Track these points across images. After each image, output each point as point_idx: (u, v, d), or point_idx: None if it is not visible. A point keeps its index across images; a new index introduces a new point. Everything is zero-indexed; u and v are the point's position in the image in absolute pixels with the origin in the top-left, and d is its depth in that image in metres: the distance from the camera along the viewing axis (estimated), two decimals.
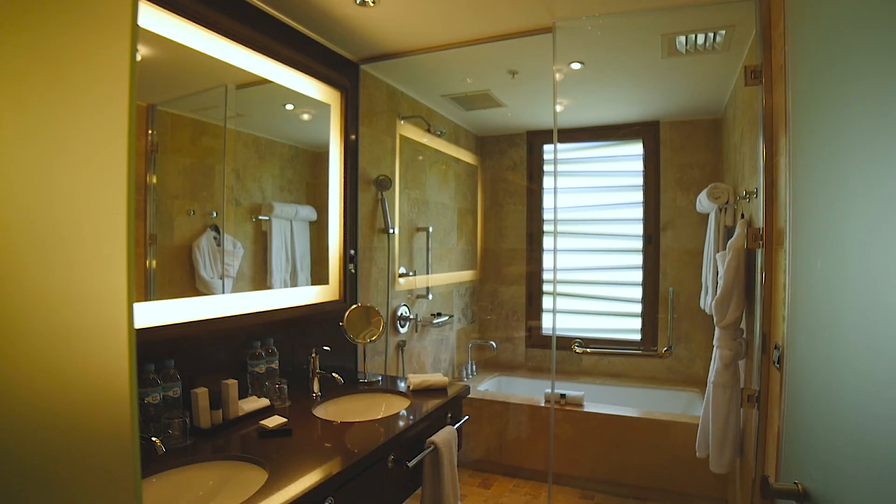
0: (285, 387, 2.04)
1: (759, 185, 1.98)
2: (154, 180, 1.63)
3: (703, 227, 3.31)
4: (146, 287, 1.64)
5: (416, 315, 3.36)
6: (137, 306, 1.59)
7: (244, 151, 1.99)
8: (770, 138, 1.91)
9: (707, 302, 2.90)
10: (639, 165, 3.93)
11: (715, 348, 2.47)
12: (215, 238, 1.87)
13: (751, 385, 2.13)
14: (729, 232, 2.75)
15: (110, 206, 0.52)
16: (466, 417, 2.25)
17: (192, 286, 1.80)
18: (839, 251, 0.89)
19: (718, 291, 2.37)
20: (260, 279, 2.09)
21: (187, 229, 1.77)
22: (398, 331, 3.15)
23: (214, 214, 1.86)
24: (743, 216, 2.50)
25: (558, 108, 3.49)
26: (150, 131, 1.62)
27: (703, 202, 2.98)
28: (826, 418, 0.91)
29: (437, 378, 2.26)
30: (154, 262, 1.66)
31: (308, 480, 1.37)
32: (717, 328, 2.44)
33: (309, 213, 2.35)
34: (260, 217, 2.08)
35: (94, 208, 0.52)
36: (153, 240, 1.64)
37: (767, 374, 1.93)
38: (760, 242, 1.98)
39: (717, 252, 2.66)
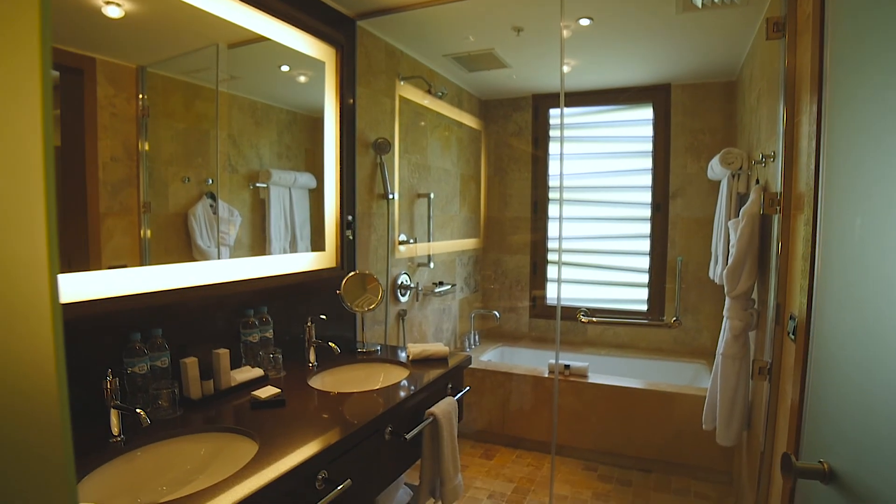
0: (280, 356, 1.97)
1: (778, 147, 1.87)
2: (146, 147, 1.56)
3: (714, 195, 3.20)
4: (141, 256, 1.58)
5: (418, 284, 3.28)
6: (124, 272, 1.52)
7: (240, 116, 1.91)
8: (792, 96, 1.79)
9: (717, 272, 2.81)
10: (648, 131, 3.79)
11: (725, 319, 2.39)
12: (211, 206, 1.81)
13: (762, 357, 2.05)
14: (742, 199, 2.65)
15: (21, 161, 0.43)
16: (467, 388, 2.19)
17: (189, 255, 1.74)
18: (884, 217, 0.79)
19: (730, 260, 2.28)
20: (258, 248, 2.03)
21: (182, 197, 1.71)
22: (398, 299, 3.07)
23: (210, 182, 1.80)
24: (758, 181, 2.39)
25: (565, 68, 3.34)
26: (140, 95, 1.54)
27: (715, 168, 2.86)
28: (859, 396, 0.82)
29: (438, 348, 2.19)
30: (149, 231, 1.59)
31: (300, 453, 1.31)
32: (727, 298, 2.35)
33: (308, 180, 2.27)
34: (257, 184, 2.01)
35: None
36: (147, 208, 1.58)
37: (780, 345, 1.85)
38: (777, 208, 1.87)
39: (730, 220, 2.56)
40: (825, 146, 1.19)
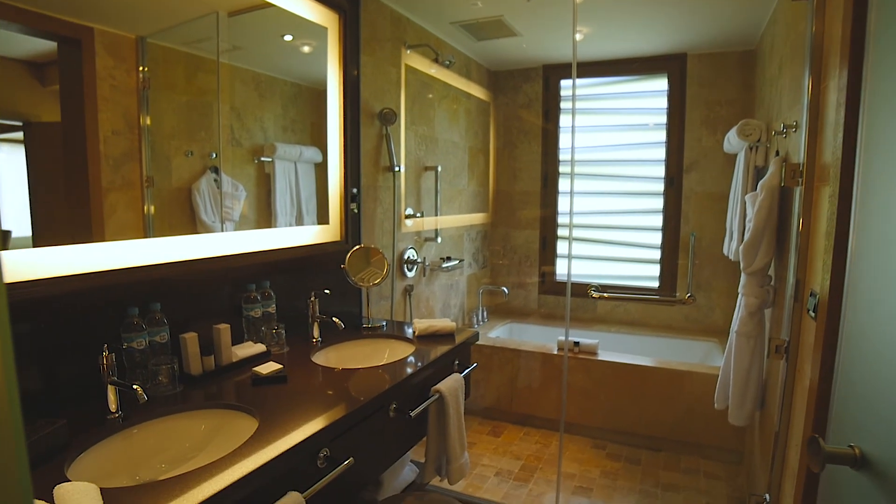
0: (283, 332, 1.93)
1: (802, 117, 1.77)
2: (148, 120, 1.52)
3: (730, 169, 3.09)
4: (145, 231, 1.55)
5: (425, 259, 3.23)
6: (122, 244, 1.48)
7: (243, 89, 1.86)
8: (818, 63, 1.69)
9: (732, 248, 2.72)
10: (662, 102, 3.67)
11: (740, 296, 2.31)
12: (215, 180, 1.77)
13: (779, 335, 1.98)
14: (759, 172, 2.55)
15: None
16: (474, 365, 2.14)
17: (194, 230, 1.72)
18: None
19: (747, 235, 2.20)
20: (264, 223, 2.00)
21: (186, 171, 1.67)
22: (405, 275, 3.02)
23: (214, 156, 1.76)
24: (777, 153, 2.29)
25: (578, 36, 3.22)
26: (140, 67, 1.49)
27: (732, 141, 2.76)
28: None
29: (444, 323, 2.14)
30: (152, 207, 1.57)
31: (301, 430, 1.27)
32: (743, 274, 2.28)
33: (314, 154, 2.22)
34: (262, 158, 1.97)
35: None
36: (150, 182, 1.55)
37: (799, 323, 1.78)
38: (799, 180, 1.78)
39: (746, 194, 2.47)
40: (864, 114, 1.10)
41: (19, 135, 1.28)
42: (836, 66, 1.41)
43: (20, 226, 1.28)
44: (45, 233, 1.32)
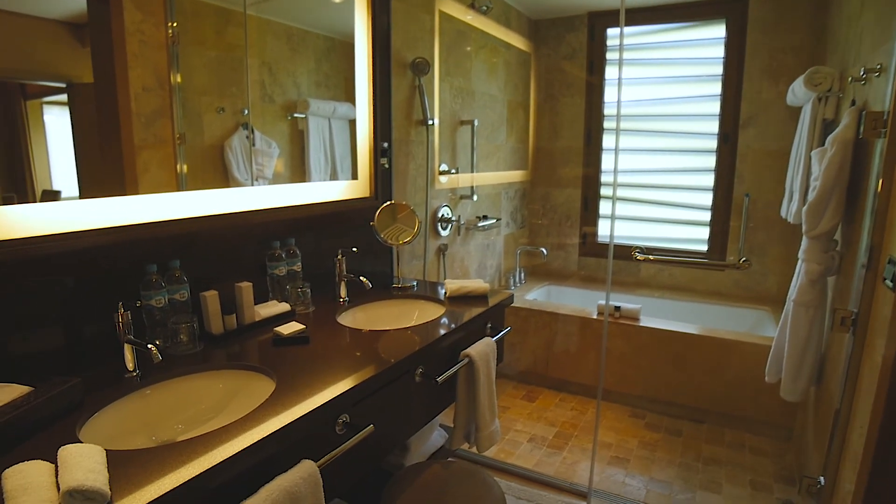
0: (308, 291, 1.86)
1: (892, 56, 1.55)
2: (178, 77, 1.49)
3: (793, 124, 2.83)
4: (178, 189, 1.53)
5: (459, 217, 3.11)
6: (141, 199, 1.43)
7: (275, 43, 1.79)
8: None
9: (791, 209, 2.50)
10: (719, 51, 3.38)
11: (800, 261, 2.12)
12: (248, 137, 1.73)
13: (845, 305, 1.80)
14: (828, 127, 2.31)
15: None
16: (508, 329, 2.04)
17: (225, 188, 1.69)
18: None
19: (812, 195, 1.99)
20: (297, 181, 1.95)
21: (218, 128, 1.64)
22: (439, 233, 2.92)
23: (246, 112, 1.71)
24: (854, 103, 2.05)
25: None
26: (169, 22, 1.45)
27: (797, 92, 2.50)
28: None
29: (477, 284, 2.04)
30: (185, 166, 1.54)
31: (319, 395, 1.20)
32: (805, 238, 2.08)
33: (348, 110, 2.14)
34: (295, 115, 1.91)
35: None
36: (182, 139, 1.52)
37: (871, 293, 1.60)
38: (882, 131, 1.57)
39: (812, 150, 2.24)
40: None
41: (65, 97, 1.28)
42: None
43: (69, 186, 1.29)
44: (88, 192, 1.32)
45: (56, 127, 1.26)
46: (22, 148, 1.22)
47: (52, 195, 1.26)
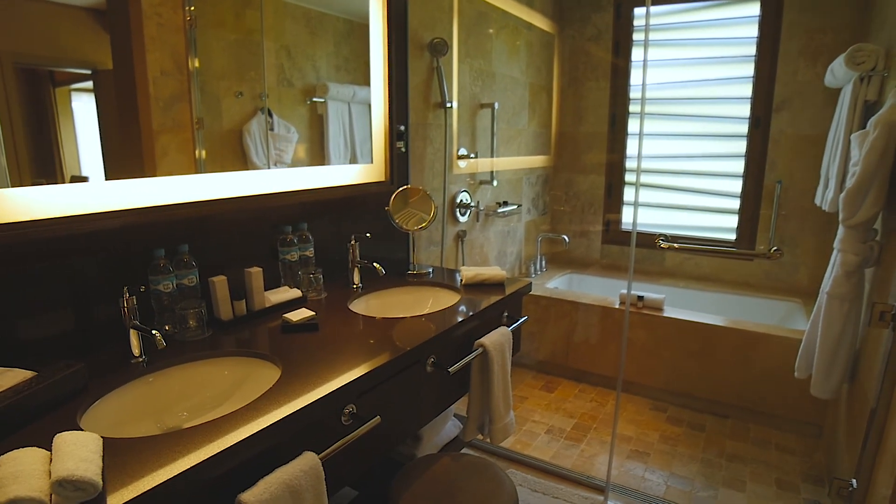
0: (321, 277, 1.83)
1: None
2: (196, 60, 1.47)
3: (830, 108, 2.69)
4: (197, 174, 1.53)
5: (479, 203, 3.04)
6: (151, 181, 1.40)
7: (294, 26, 1.76)
8: None
9: (827, 197, 2.38)
10: (752, 31, 3.22)
11: (836, 252, 2.01)
12: (267, 122, 1.71)
13: (885, 299, 1.70)
14: (870, 109, 2.18)
15: None
16: (524, 318, 1.98)
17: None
18: None
19: (851, 181, 1.88)
20: (316, 166, 1.92)
21: (236, 113, 1.62)
22: (457, 219, 2.86)
23: (264, 96, 1.69)
24: None
25: None
26: (187, 6, 1.43)
27: (837, 72, 2.37)
28: None
29: (494, 272, 1.98)
30: (203, 151, 1.53)
31: (325, 384, 1.16)
32: (841, 227, 1.97)
33: (368, 94, 2.11)
34: (314, 99, 1.89)
35: None
36: (200, 124, 1.51)
37: None
38: None
39: (852, 133, 2.11)
40: None
41: (91, 83, 1.29)
42: None
43: (96, 172, 1.30)
44: (111, 177, 1.33)
45: (84, 114, 1.27)
46: (51, 134, 1.23)
47: (81, 181, 1.27)
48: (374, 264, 1.90)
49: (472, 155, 2.93)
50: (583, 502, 2.17)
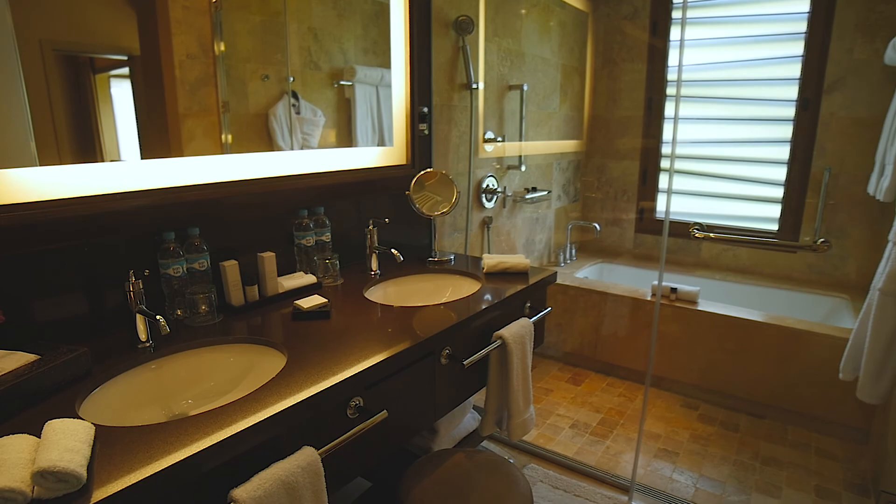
0: (337, 262, 1.78)
1: None
2: (222, 44, 1.47)
3: (890, 87, 2.49)
4: None
5: (506, 188, 2.95)
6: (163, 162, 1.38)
7: (320, 8, 1.72)
8: None
9: (883, 185, 2.21)
10: (803, 5, 3.01)
11: (890, 245, 1.87)
12: (293, 105, 1.69)
13: None
14: None
15: None
16: (548, 309, 1.89)
17: None
18: None
19: None
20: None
21: (262, 96, 1.61)
22: (483, 205, 2.77)
23: (292, 80, 1.68)
24: None
25: None
26: None
27: None
28: None
29: (517, 260, 1.90)
30: (230, 136, 1.53)
31: (331, 376, 1.11)
32: None
33: None
34: (342, 82, 1.86)
35: None
36: (226, 107, 1.51)
37: None
38: None
39: None
40: None
41: (127, 70, 1.30)
42: None
43: (134, 157, 1.33)
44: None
45: (122, 100, 1.29)
46: (92, 121, 1.25)
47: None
48: (392, 250, 1.84)
49: (500, 139, 2.83)
50: (606, 502, 2.08)
